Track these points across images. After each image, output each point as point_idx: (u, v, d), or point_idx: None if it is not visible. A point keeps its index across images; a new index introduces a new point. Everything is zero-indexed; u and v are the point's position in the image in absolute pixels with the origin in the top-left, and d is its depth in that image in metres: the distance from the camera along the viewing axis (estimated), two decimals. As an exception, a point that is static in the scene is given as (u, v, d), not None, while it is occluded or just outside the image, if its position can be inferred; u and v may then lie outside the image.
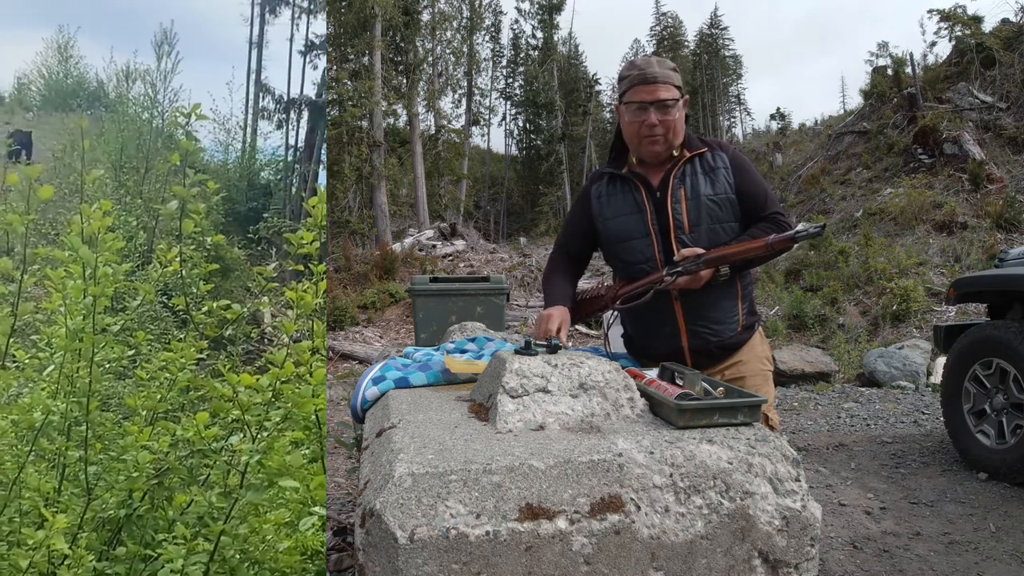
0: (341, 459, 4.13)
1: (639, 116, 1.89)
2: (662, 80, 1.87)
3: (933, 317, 9.03)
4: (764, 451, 1.27)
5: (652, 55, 1.96)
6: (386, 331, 11.32)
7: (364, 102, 17.43)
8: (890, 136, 14.67)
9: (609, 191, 2.03)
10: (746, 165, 1.97)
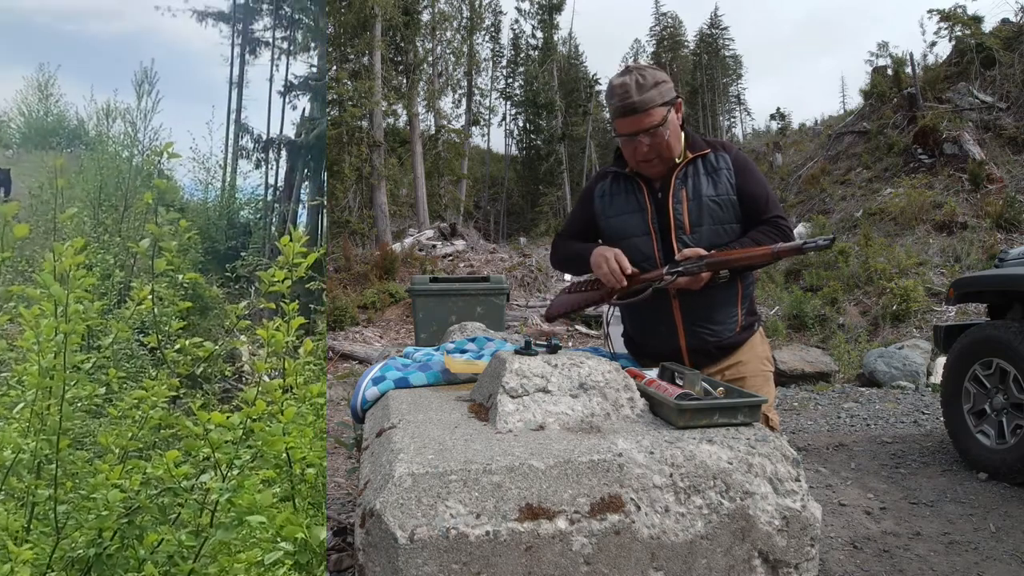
0: (341, 459, 4.13)
1: (629, 145, 1.90)
2: (641, 108, 1.83)
3: (933, 317, 9.03)
4: (764, 451, 1.27)
5: (634, 70, 1.93)
6: (386, 331, 11.32)
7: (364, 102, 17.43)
8: (890, 136, 14.68)
9: (612, 190, 2.04)
10: (749, 166, 1.97)
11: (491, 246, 18.61)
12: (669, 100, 1.87)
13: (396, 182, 20.49)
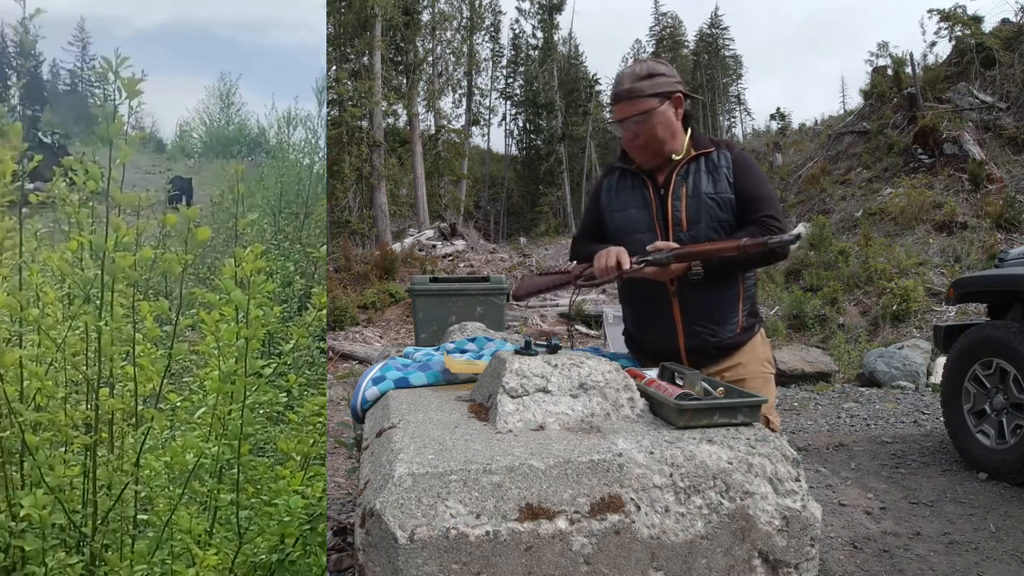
0: (341, 459, 4.13)
1: (620, 132, 1.96)
2: (627, 97, 1.90)
3: (933, 317, 9.03)
4: (764, 451, 1.27)
5: (638, 61, 1.97)
6: (386, 331, 11.32)
7: (364, 102, 17.43)
8: (890, 136, 14.67)
9: (619, 185, 2.06)
10: (749, 165, 1.98)
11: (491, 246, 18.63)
12: (662, 92, 1.89)
13: (396, 182, 20.49)
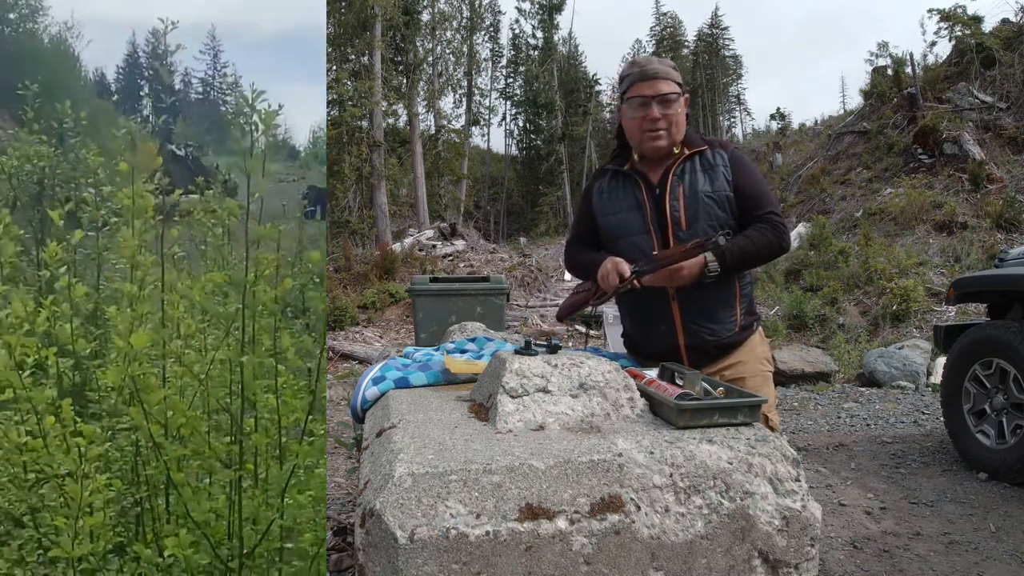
0: (341, 459, 4.13)
1: (641, 111, 1.92)
2: (662, 76, 1.91)
3: (933, 317, 9.03)
4: (764, 451, 1.27)
5: (652, 54, 1.98)
6: (386, 331, 11.32)
7: (364, 102, 17.43)
8: (890, 136, 14.67)
9: (611, 187, 2.04)
10: (745, 163, 1.98)
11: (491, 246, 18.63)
12: (681, 84, 1.95)
13: (396, 182, 20.48)
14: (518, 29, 37.43)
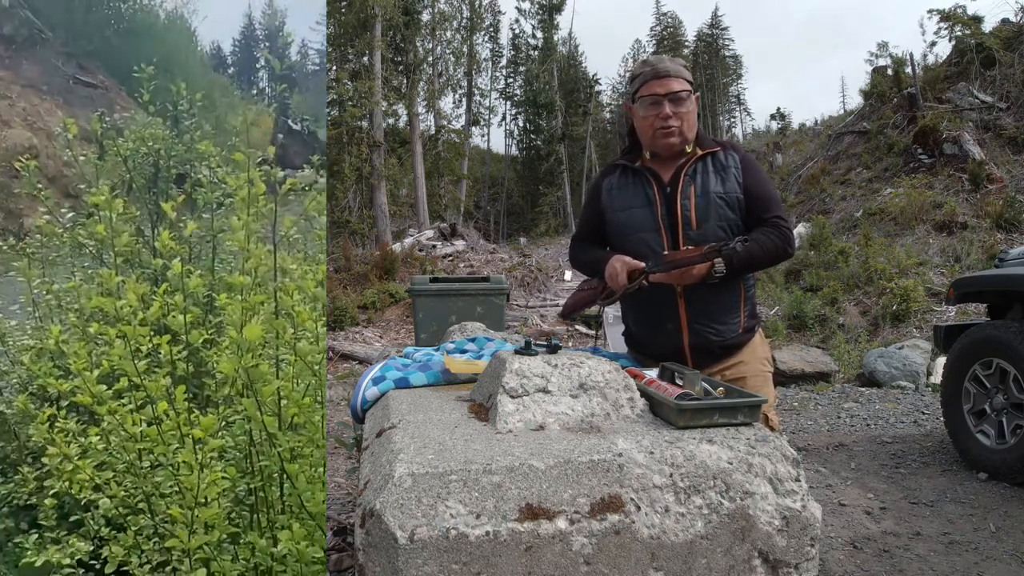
0: (341, 459, 4.13)
1: (653, 109, 1.93)
2: (674, 74, 1.93)
3: (933, 317, 9.02)
4: (764, 451, 1.27)
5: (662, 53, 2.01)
6: (386, 331, 11.32)
7: (364, 102, 17.43)
8: (890, 136, 14.67)
9: (620, 183, 2.04)
10: (756, 167, 2.01)
11: (491, 246, 18.62)
12: (693, 84, 1.96)
13: (396, 182, 20.49)
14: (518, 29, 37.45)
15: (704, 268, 1.82)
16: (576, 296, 2.18)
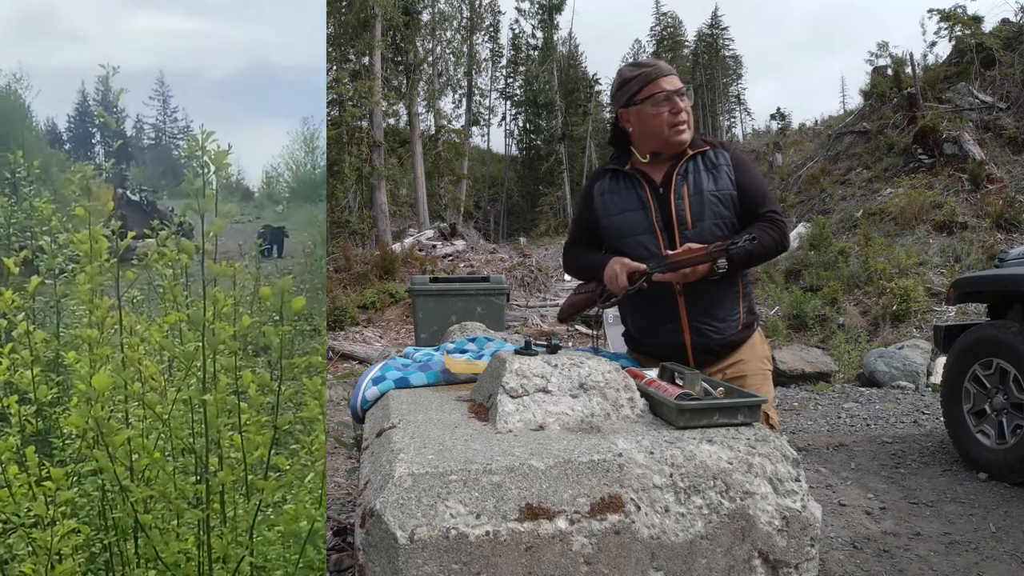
0: (341, 459, 4.13)
1: (666, 105, 1.93)
2: (675, 73, 1.98)
3: (933, 317, 9.03)
4: (764, 451, 1.27)
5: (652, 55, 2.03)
6: (386, 331, 11.32)
7: (364, 102, 17.44)
8: (890, 136, 14.67)
9: (611, 188, 2.05)
10: (747, 163, 2.01)
11: (491, 246, 18.63)
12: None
13: (396, 182, 20.50)
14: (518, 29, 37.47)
15: (707, 265, 1.82)
16: (573, 299, 2.18)
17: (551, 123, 35.35)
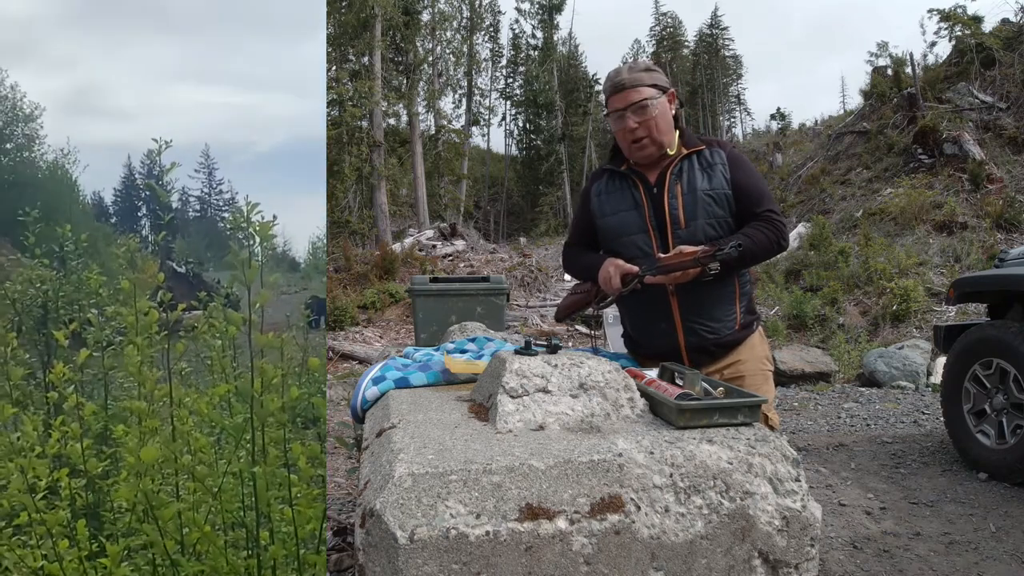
0: (341, 459, 4.13)
1: (619, 124, 1.94)
2: (630, 85, 1.92)
3: (933, 317, 9.03)
4: (764, 451, 1.27)
5: (629, 60, 2.01)
6: (386, 331, 11.32)
7: (364, 102, 17.44)
8: (890, 136, 14.68)
9: (608, 188, 2.05)
10: (743, 162, 1.99)
11: (491, 246, 18.63)
12: (659, 85, 1.94)
13: (396, 182, 20.50)
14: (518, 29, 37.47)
15: (697, 269, 1.82)
16: (569, 299, 2.19)
17: (551, 123, 35.35)
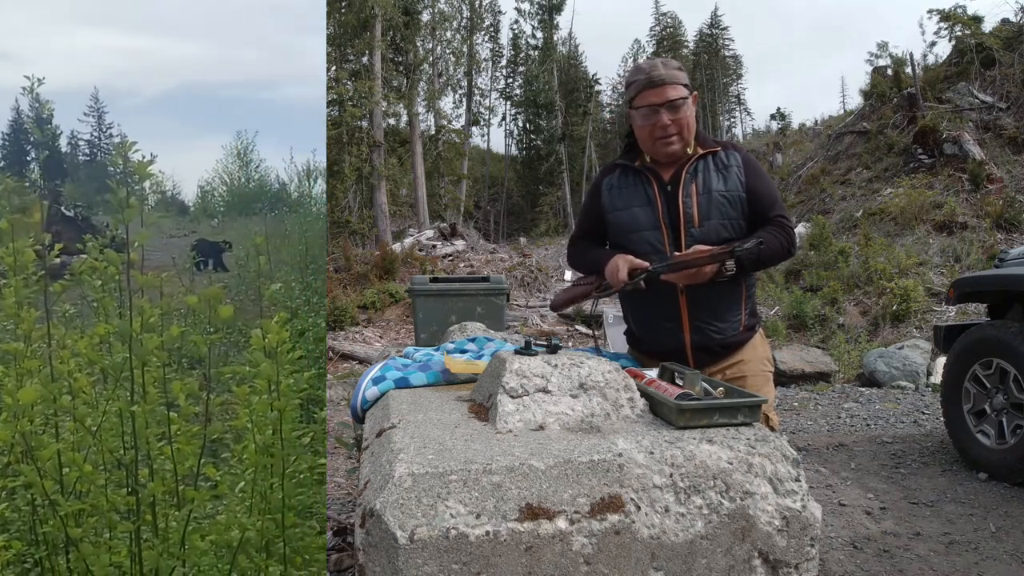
0: (341, 459, 4.13)
1: (651, 119, 1.92)
2: (669, 81, 1.90)
3: (933, 317, 9.03)
4: (764, 451, 1.27)
5: (656, 57, 1.99)
6: (386, 331, 11.32)
7: (364, 102, 17.45)
8: (890, 136, 14.67)
9: (621, 183, 2.04)
10: (757, 167, 2.01)
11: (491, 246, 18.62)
12: (689, 85, 1.94)
13: (396, 182, 20.51)
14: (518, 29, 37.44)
15: (714, 267, 1.82)
16: (570, 291, 2.19)
17: (551, 123, 35.33)
